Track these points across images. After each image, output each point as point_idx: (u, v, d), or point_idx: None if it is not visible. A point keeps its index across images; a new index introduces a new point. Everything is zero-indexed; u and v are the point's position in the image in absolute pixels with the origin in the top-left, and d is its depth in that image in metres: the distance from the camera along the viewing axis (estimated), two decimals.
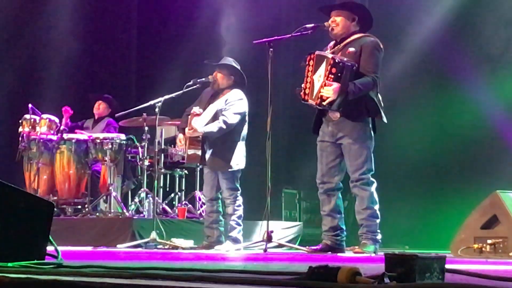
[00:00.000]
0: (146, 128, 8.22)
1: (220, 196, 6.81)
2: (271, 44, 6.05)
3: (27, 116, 8.53)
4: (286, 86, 9.05)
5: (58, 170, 8.52)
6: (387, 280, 2.06)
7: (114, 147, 8.36)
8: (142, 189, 8.40)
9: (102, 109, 9.28)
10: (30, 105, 8.54)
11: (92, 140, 8.41)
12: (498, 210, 5.73)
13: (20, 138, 8.52)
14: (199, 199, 8.53)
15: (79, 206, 8.57)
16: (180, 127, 6.96)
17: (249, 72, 7.11)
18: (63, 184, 8.51)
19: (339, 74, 5.50)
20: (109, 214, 8.10)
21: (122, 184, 8.74)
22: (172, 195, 8.84)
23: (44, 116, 8.64)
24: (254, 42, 6.25)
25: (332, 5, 5.94)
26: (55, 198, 8.39)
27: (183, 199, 8.79)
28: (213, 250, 6.51)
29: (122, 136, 8.52)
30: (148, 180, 8.39)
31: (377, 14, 6.14)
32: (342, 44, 5.81)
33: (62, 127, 8.69)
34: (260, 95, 6.60)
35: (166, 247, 6.98)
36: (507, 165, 8.29)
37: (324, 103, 5.56)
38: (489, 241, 5.64)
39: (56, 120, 8.75)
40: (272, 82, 6.04)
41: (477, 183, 8.10)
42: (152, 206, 7.69)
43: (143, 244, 7.12)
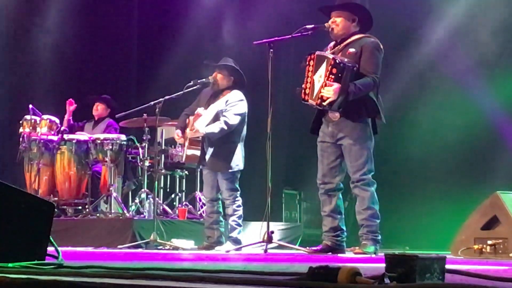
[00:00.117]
0: (147, 129, 8.22)
1: (221, 197, 6.82)
2: (272, 45, 6.05)
3: (28, 117, 8.53)
4: (286, 87, 9.05)
5: (58, 170, 8.53)
6: (387, 280, 2.07)
7: (115, 148, 8.36)
8: (143, 190, 8.40)
9: (100, 110, 9.28)
10: (30, 106, 8.54)
11: (92, 141, 8.41)
12: (498, 211, 5.73)
13: (20, 139, 8.52)
14: (200, 199, 8.53)
15: (80, 207, 8.58)
16: (177, 127, 6.97)
17: (249, 73, 7.11)
18: (63, 185, 8.51)
19: (339, 75, 5.51)
20: (110, 215, 8.10)
21: (123, 184, 8.74)
22: (173, 195, 8.85)
23: (45, 116, 8.64)
24: (255, 43, 6.26)
25: (332, 6, 5.94)
26: (56, 198, 8.39)
27: (183, 199, 8.79)
28: (213, 251, 6.51)
29: (123, 137, 8.52)
30: (148, 181, 8.39)
31: (377, 15, 6.14)
32: (342, 45, 5.81)
33: (63, 127, 8.68)
34: (261, 96, 6.60)
35: (167, 247, 6.99)
36: (507, 166, 8.29)
37: (324, 103, 5.57)
38: (489, 242, 5.64)
39: (57, 120, 8.75)
40: (272, 82, 6.04)
41: (478, 184, 8.10)
42: (152, 207, 7.69)
43: (143, 245, 7.12)
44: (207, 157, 6.69)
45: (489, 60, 8.64)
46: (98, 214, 8.22)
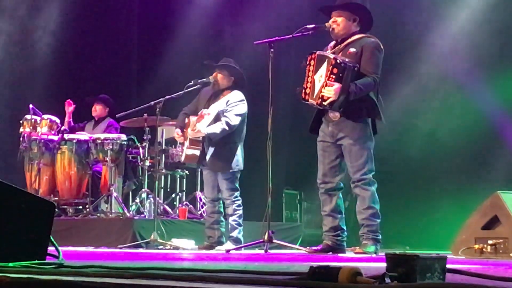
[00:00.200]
0: (147, 129, 8.23)
1: (221, 197, 6.82)
2: (272, 44, 6.05)
3: (28, 117, 8.53)
4: (287, 87, 9.05)
5: (59, 170, 8.53)
6: (388, 280, 2.06)
7: (115, 148, 8.36)
8: (143, 190, 8.40)
9: (99, 111, 9.29)
10: (31, 106, 8.54)
11: (93, 141, 8.42)
12: (499, 211, 5.72)
13: (21, 139, 8.52)
14: (200, 199, 8.53)
15: (80, 207, 8.58)
16: (176, 126, 6.96)
17: (249, 73, 7.11)
18: (64, 185, 8.51)
19: (340, 75, 5.50)
20: (110, 215, 8.10)
21: (123, 184, 8.75)
22: (173, 195, 8.84)
23: (45, 116, 8.64)
24: (255, 43, 6.25)
25: (333, 6, 5.93)
26: (56, 198, 8.39)
27: (184, 199, 8.79)
28: (214, 251, 6.52)
29: (123, 137, 8.52)
30: (149, 181, 8.39)
31: (377, 15, 6.13)
32: (342, 45, 5.81)
33: (63, 127, 8.68)
34: (261, 96, 6.60)
35: (167, 247, 6.99)
36: (508, 166, 8.29)
37: (325, 103, 5.56)
38: (490, 242, 5.63)
39: (57, 120, 8.75)
40: (273, 82, 6.04)
41: (478, 183, 8.10)
42: (153, 207, 7.69)
43: (144, 245, 7.13)
44: (208, 157, 6.69)
45: (489, 60, 8.64)
46: (98, 214, 8.22)
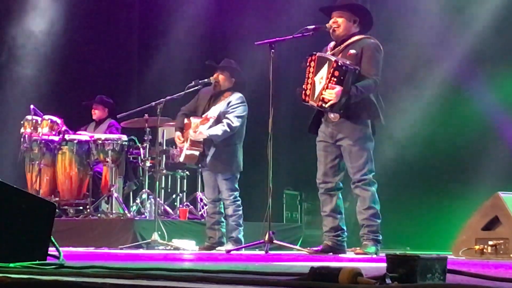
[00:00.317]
0: (148, 129, 8.24)
1: (221, 197, 6.82)
2: (273, 45, 6.04)
3: (29, 117, 8.54)
4: (287, 87, 9.04)
5: (59, 171, 8.53)
6: (388, 280, 2.06)
7: (116, 148, 8.37)
8: (144, 190, 8.40)
9: (99, 113, 9.29)
10: (32, 106, 8.55)
11: (93, 141, 8.42)
12: (499, 212, 5.72)
13: (21, 139, 8.52)
14: (201, 200, 8.54)
15: (81, 207, 8.58)
16: (176, 128, 6.96)
17: (250, 73, 7.11)
18: (64, 185, 8.52)
19: (341, 78, 5.49)
20: (111, 215, 8.11)
21: (124, 185, 8.75)
22: (174, 196, 8.85)
23: (46, 117, 8.64)
24: (256, 43, 6.24)
25: (334, 6, 5.93)
26: (57, 199, 8.40)
27: (184, 200, 8.80)
28: (214, 251, 6.52)
29: (124, 137, 8.53)
30: (149, 181, 8.40)
31: (377, 14, 6.14)
32: (342, 46, 5.80)
33: (64, 128, 8.68)
34: (262, 97, 6.60)
35: (168, 248, 6.99)
36: (508, 166, 8.28)
37: (325, 105, 5.56)
38: (490, 242, 5.63)
39: (58, 121, 8.74)
40: (273, 83, 6.04)
41: (479, 184, 8.09)
42: (153, 207, 7.69)
43: (144, 245, 7.13)
44: (208, 158, 6.69)
45: (488, 59, 8.63)
46: (99, 215, 8.22)
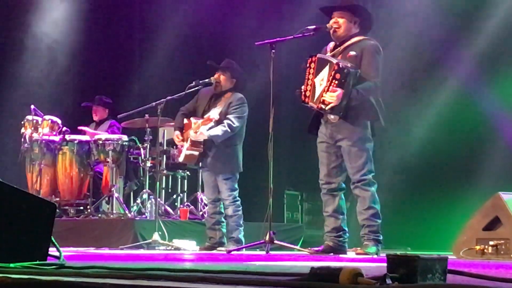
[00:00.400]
0: (148, 129, 8.24)
1: (221, 197, 6.82)
2: (273, 45, 6.03)
3: (30, 117, 8.55)
4: (288, 87, 9.04)
5: (60, 171, 8.53)
6: (389, 281, 2.06)
7: (116, 148, 8.37)
8: (144, 190, 8.40)
9: (99, 114, 9.30)
10: (32, 106, 8.55)
11: (94, 141, 8.43)
12: (500, 212, 5.72)
13: (22, 139, 8.53)
14: (201, 200, 8.53)
15: (81, 207, 8.58)
16: (175, 127, 6.96)
17: (251, 73, 7.10)
18: (65, 185, 8.52)
19: (343, 80, 5.49)
20: (111, 215, 8.11)
21: (124, 185, 8.76)
22: (174, 196, 8.85)
23: (47, 117, 8.64)
24: (257, 43, 6.24)
25: (335, 6, 5.92)
26: (57, 199, 8.40)
27: (185, 200, 8.80)
28: (215, 251, 6.51)
29: (124, 137, 8.53)
30: (150, 181, 8.39)
31: (377, 13, 6.13)
32: (342, 47, 5.79)
33: (64, 128, 8.68)
34: (262, 97, 6.60)
35: (168, 248, 6.99)
36: (509, 167, 8.27)
37: (326, 108, 5.56)
38: (491, 243, 5.63)
39: (58, 121, 8.75)
40: (274, 83, 6.03)
41: (479, 184, 8.09)
42: (154, 207, 7.69)
43: (145, 245, 7.12)
44: (209, 159, 6.69)
45: (491, 60, 8.62)
46: (99, 215, 8.22)
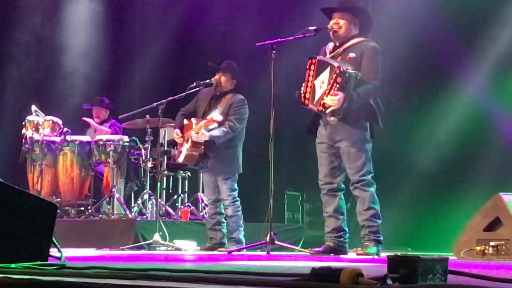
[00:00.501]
0: (149, 130, 8.24)
1: (220, 197, 6.82)
2: (274, 46, 6.03)
3: (31, 118, 8.54)
4: (288, 88, 9.04)
5: (61, 171, 8.54)
6: (389, 281, 2.07)
7: (117, 149, 8.37)
8: (145, 191, 8.40)
9: (100, 115, 9.28)
10: (33, 107, 8.55)
11: (95, 142, 8.43)
12: (500, 212, 5.72)
13: (23, 140, 8.53)
14: (202, 201, 8.53)
15: (82, 208, 8.58)
16: (175, 127, 6.96)
17: (251, 74, 7.10)
18: (66, 186, 8.53)
19: (344, 84, 5.49)
20: (112, 216, 8.11)
21: (125, 186, 8.76)
22: (175, 197, 8.85)
23: (48, 117, 8.64)
24: (257, 44, 6.23)
25: (336, 8, 5.91)
26: (58, 199, 8.39)
27: (186, 201, 8.80)
28: (216, 252, 6.51)
29: (125, 138, 8.53)
30: (151, 182, 8.39)
31: (377, 14, 6.12)
32: (341, 48, 5.79)
33: (65, 129, 8.68)
34: (263, 97, 6.59)
35: (169, 248, 6.99)
36: (510, 167, 8.28)
37: (326, 111, 5.56)
38: (491, 243, 5.63)
39: (60, 121, 8.75)
40: (275, 84, 6.03)
41: (480, 185, 8.09)
42: (155, 208, 7.69)
43: (146, 246, 7.12)
44: (209, 160, 6.69)
45: (492, 60, 8.62)
46: (100, 215, 8.22)
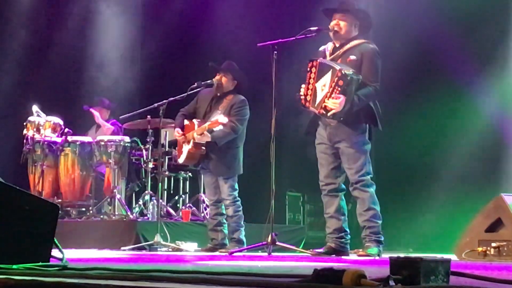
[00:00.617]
0: (150, 131, 8.24)
1: (221, 198, 6.82)
2: (276, 46, 6.03)
3: (32, 118, 8.54)
4: (289, 89, 9.03)
5: (62, 172, 8.54)
6: (392, 282, 2.06)
7: (118, 150, 8.37)
8: (146, 192, 8.40)
9: (102, 116, 9.28)
10: (34, 108, 8.55)
11: (96, 143, 8.43)
12: (502, 213, 5.72)
13: (24, 140, 8.53)
14: (203, 201, 8.53)
15: (84, 209, 8.58)
16: (175, 127, 6.96)
17: (252, 75, 7.09)
18: (67, 187, 8.52)
19: (345, 87, 5.49)
20: (113, 217, 8.11)
21: (126, 186, 8.76)
22: (176, 197, 8.85)
23: (49, 118, 8.64)
24: (259, 45, 6.22)
25: (337, 9, 5.91)
26: (60, 200, 8.39)
27: (187, 201, 8.80)
28: (217, 253, 6.51)
29: (126, 139, 8.53)
30: (152, 183, 8.39)
31: (378, 14, 6.12)
32: (341, 51, 5.79)
33: (66, 130, 8.68)
34: (264, 98, 6.59)
35: (170, 249, 6.99)
36: (511, 168, 8.27)
37: (328, 114, 5.56)
38: (493, 244, 5.63)
39: (61, 122, 8.75)
40: (276, 84, 6.03)
41: (482, 186, 8.08)
42: (156, 209, 7.69)
43: (147, 247, 7.12)
44: (210, 161, 6.69)
45: (493, 60, 8.61)
46: (101, 216, 8.22)
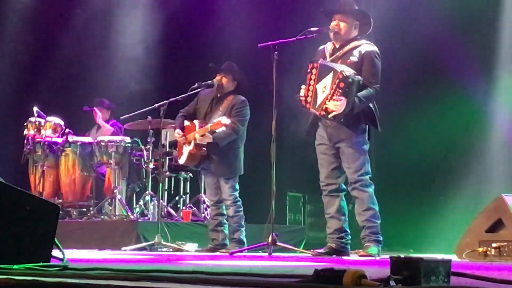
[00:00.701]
0: (151, 131, 8.24)
1: (221, 198, 6.82)
2: (276, 47, 6.03)
3: (32, 119, 8.55)
4: (290, 89, 9.03)
5: (63, 173, 8.54)
6: (392, 283, 2.06)
7: (119, 150, 8.37)
8: (147, 192, 8.40)
9: (103, 116, 9.28)
10: (35, 108, 8.55)
11: (97, 143, 8.43)
12: (503, 214, 5.72)
13: (25, 141, 8.53)
14: (204, 202, 8.53)
15: (84, 209, 8.59)
16: (175, 128, 6.96)
17: (252, 75, 7.09)
18: (68, 187, 8.53)
19: (346, 89, 5.50)
20: (114, 217, 8.11)
21: (127, 187, 8.76)
22: (177, 198, 8.85)
23: (49, 118, 8.65)
24: (259, 45, 6.22)
25: (337, 10, 5.91)
26: (60, 201, 8.40)
27: (187, 202, 8.80)
28: (217, 253, 6.51)
29: (127, 139, 8.54)
30: (153, 183, 8.39)
31: (378, 14, 6.12)
32: (342, 52, 5.79)
33: (67, 130, 8.68)
34: (264, 99, 6.59)
35: (171, 250, 6.99)
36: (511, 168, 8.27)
37: (329, 116, 5.57)
38: (494, 245, 5.63)
39: (61, 122, 8.75)
40: (276, 85, 6.03)
41: (482, 186, 8.08)
42: (156, 209, 7.69)
43: (147, 247, 7.12)
44: (211, 161, 6.69)
45: (493, 61, 8.61)
46: (102, 216, 8.23)
